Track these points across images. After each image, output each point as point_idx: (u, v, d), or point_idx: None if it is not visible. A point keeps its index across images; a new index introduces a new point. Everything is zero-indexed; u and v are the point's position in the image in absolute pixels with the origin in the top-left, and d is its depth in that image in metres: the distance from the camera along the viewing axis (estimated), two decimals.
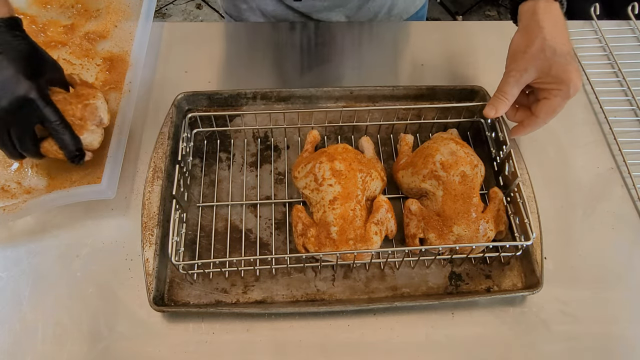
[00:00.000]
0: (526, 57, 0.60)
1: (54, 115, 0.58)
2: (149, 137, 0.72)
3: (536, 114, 0.62)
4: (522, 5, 0.62)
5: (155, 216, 0.62)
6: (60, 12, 0.82)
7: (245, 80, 0.78)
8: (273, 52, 0.82)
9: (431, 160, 0.62)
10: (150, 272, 0.59)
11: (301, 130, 0.72)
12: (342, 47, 0.83)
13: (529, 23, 0.60)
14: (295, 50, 0.82)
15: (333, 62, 0.81)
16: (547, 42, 0.58)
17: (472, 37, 0.84)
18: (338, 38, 0.84)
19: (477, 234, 0.59)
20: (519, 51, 0.61)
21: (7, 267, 0.62)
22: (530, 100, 0.65)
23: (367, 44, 0.84)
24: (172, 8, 2.20)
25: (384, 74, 0.80)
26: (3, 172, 0.67)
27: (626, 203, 0.68)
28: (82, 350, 0.57)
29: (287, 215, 0.65)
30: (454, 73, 0.80)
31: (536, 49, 0.59)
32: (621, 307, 0.61)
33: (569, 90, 0.59)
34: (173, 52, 0.81)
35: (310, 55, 0.82)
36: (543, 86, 0.61)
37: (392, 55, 0.82)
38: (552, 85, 0.60)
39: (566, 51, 0.59)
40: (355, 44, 0.83)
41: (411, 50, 0.83)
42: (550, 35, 0.58)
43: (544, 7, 0.60)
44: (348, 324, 0.59)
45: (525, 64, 0.60)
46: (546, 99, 0.61)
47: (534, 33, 0.59)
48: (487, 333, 0.59)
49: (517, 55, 0.61)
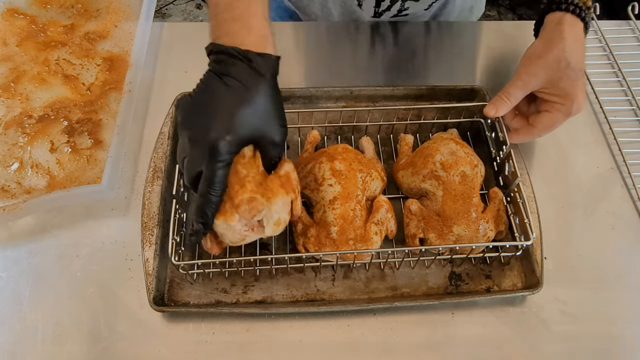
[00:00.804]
0: (540, 63, 0.60)
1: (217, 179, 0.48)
2: (149, 137, 0.72)
3: (534, 124, 0.62)
4: (550, 15, 0.62)
5: (155, 216, 0.62)
6: (60, 12, 0.82)
7: None
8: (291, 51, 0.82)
9: (431, 160, 0.62)
10: (151, 272, 0.59)
11: (301, 131, 0.72)
12: (342, 47, 0.83)
13: (552, 31, 0.60)
14: (295, 51, 0.82)
15: (332, 62, 0.81)
16: (566, 53, 0.58)
17: (472, 37, 0.84)
18: (339, 38, 0.84)
19: (477, 234, 0.59)
20: (535, 55, 0.61)
21: (7, 267, 0.62)
22: (531, 110, 0.65)
23: (367, 44, 0.83)
24: (172, 8, 2.20)
25: (383, 74, 0.80)
26: (3, 172, 0.67)
27: (626, 203, 0.68)
28: (82, 350, 0.57)
29: None
30: (454, 73, 0.80)
31: (553, 57, 0.59)
32: (621, 307, 0.61)
33: (572, 107, 0.59)
34: (173, 52, 0.81)
35: (310, 55, 0.82)
36: (547, 97, 0.61)
37: (392, 55, 0.82)
38: (556, 99, 0.60)
39: (579, 68, 0.59)
40: (356, 44, 0.83)
41: (411, 50, 0.83)
42: (569, 47, 0.58)
43: (570, 20, 0.60)
44: (348, 324, 0.59)
45: (537, 70, 0.60)
46: (547, 112, 0.61)
47: (555, 41, 0.59)
48: (487, 333, 0.59)
49: (531, 59, 0.61)
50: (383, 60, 0.82)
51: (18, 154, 0.68)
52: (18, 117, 0.71)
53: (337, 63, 0.81)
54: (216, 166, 0.48)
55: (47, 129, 0.70)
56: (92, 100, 0.73)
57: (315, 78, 0.79)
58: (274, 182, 0.51)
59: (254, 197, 0.48)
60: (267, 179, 0.51)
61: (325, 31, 0.85)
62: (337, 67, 0.81)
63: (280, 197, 0.51)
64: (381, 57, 0.82)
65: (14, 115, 0.72)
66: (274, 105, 0.51)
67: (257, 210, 0.49)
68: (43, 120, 0.71)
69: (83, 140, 0.70)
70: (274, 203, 0.50)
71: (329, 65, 0.81)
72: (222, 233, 0.51)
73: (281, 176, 0.52)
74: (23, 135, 0.70)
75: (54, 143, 0.69)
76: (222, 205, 0.49)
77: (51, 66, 0.76)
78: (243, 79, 0.49)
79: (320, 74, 0.80)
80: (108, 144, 0.67)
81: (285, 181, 0.52)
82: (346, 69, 0.80)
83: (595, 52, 0.83)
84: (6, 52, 0.77)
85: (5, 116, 0.71)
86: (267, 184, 0.50)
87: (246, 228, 0.50)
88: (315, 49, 0.84)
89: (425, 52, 0.83)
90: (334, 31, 0.84)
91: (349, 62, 0.81)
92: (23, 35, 0.79)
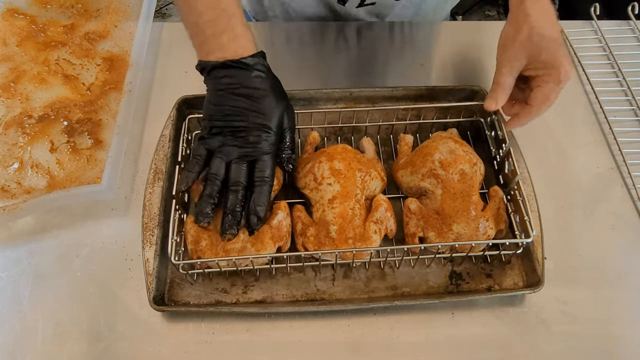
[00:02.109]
0: (515, 46, 0.60)
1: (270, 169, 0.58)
2: (149, 137, 0.72)
3: (530, 103, 0.62)
4: None
5: (155, 217, 0.62)
6: (60, 12, 0.82)
7: None
8: (272, 52, 0.82)
9: (430, 159, 0.62)
10: (151, 272, 0.59)
11: (301, 132, 0.71)
12: (342, 48, 0.83)
13: (516, 12, 0.61)
14: (295, 51, 0.82)
15: (332, 63, 0.81)
16: (535, 29, 0.59)
17: (472, 37, 0.84)
18: (339, 38, 0.84)
19: (477, 232, 0.59)
20: (508, 40, 0.61)
21: (7, 267, 0.62)
22: (526, 95, 0.65)
23: (367, 44, 0.83)
24: (172, 8, 2.19)
25: (383, 74, 0.80)
26: (3, 172, 0.67)
27: (626, 203, 0.68)
28: (82, 350, 0.57)
29: None
30: (454, 73, 0.80)
31: (524, 36, 0.59)
32: (621, 307, 0.61)
33: (560, 74, 0.59)
34: (173, 52, 0.81)
35: (310, 55, 0.82)
36: (534, 73, 0.61)
37: (392, 55, 0.82)
38: (542, 72, 0.60)
39: (555, 37, 0.59)
40: (355, 44, 0.83)
41: (411, 50, 0.83)
42: (537, 22, 0.59)
43: None
44: (348, 323, 0.59)
45: (515, 52, 0.60)
46: (539, 87, 0.61)
47: (521, 21, 0.60)
48: (487, 333, 0.59)
49: (506, 45, 0.62)
50: (383, 61, 0.82)
51: (18, 154, 0.68)
52: (18, 117, 0.71)
53: (337, 63, 0.81)
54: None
55: (47, 129, 0.71)
56: (92, 100, 0.73)
57: (315, 79, 0.79)
58: (265, 234, 0.58)
59: (245, 246, 0.57)
60: (260, 231, 0.58)
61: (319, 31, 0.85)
62: (336, 68, 0.81)
63: (268, 251, 0.57)
64: (381, 58, 0.82)
65: (14, 115, 0.72)
66: (280, 93, 0.60)
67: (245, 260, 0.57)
68: (43, 120, 0.71)
69: (83, 140, 0.70)
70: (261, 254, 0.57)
71: (329, 65, 0.81)
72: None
73: (272, 227, 0.58)
74: (23, 135, 0.70)
75: (54, 143, 0.69)
76: (214, 247, 0.57)
77: (51, 66, 0.76)
78: (251, 84, 0.57)
79: (319, 74, 0.80)
80: (108, 144, 0.67)
81: (275, 232, 0.58)
82: (346, 70, 0.80)
83: (595, 52, 0.83)
84: (6, 52, 0.77)
85: (5, 116, 0.72)
86: (259, 235, 0.58)
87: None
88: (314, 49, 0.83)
89: (425, 52, 0.83)
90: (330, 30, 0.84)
91: (346, 63, 0.81)
92: (23, 35, 0.79)
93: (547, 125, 0.74)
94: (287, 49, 0.83)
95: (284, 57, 0.82)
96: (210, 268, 0.59)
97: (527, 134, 0.71)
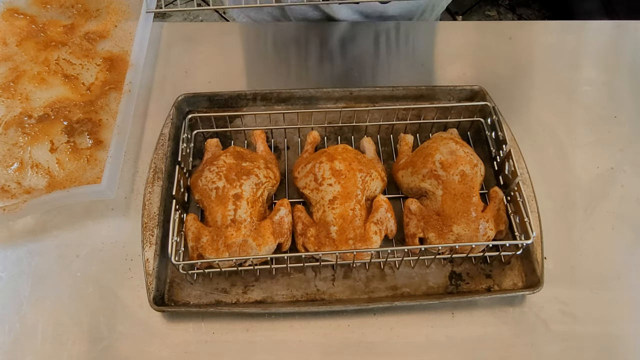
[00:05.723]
0: None
1: None
2: (149, 137, 0.72)
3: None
4: None
5: (155, 217, 0.62)
6: (60, 12, 0.82)
7: (245, 81, 0.78)
8: (273, 52, 0.82)
9: (430, 159, 0.62)
10: (151, 272, 0.59)
11: (301, 131, 0.72)
12: (342, 47, 0.83)
13: None
14: (295, 51, 0.82)
15: (332, 63, 0.81)
16: None
17: (472, 37, 0.84)
18: (339, 38, 0.84)
19: (477, 233, 0.59)
20: None
21: (7, 267, 0.62)
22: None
23: (367, 43, 0.83)
24: (172, 8, 2.19)
25: (383, 74, 0.80)
26: (3, 172, 0.67)
27: (626, 203, 0.68)
28: (82, 350, 0.57)
29: None
30: (454, 73, 0.80)
31: None
32: (621, 307, 0.61)
33: None
34: (173, 52, 0.81)
35: (309, 55, 0.82)
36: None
37: (392, 55, 0.82)
38: None
39: None
40: (356, 43, 0.83)
41: (411, 50, 0.83)
42: None
43: None
44: (348, 324, 0.59)
45: None
46: None
47: None
48: (487, 333, 0.59)
49: None
50: (383, 61, 0.82)
51: (18, 154, 0.68)
52: (18, 117, 0.71)
53: (338, 63, 0.81)
54: None
55: (47, 129, 0.70)
56: (92, 100, 0.73)
57: (315, 78, 0.79)
58: (267, 228, 0.58)
59: (246, 240, 0.57)
60: (261, 225, 0.58)
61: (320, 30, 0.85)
62: (337, 67, 0.81)
63: (269, 245, 0.58)
64: (382, 57, 0.82)
65: (14, 115, 0.72)
66: None
67: (247, 253, 0.57)
68: (43, 120, 0.71)
69: (83, 140, 0.70)
70: (262, 250, 0.58)
71: (329, 64, 0.81)
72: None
73: (274, 222, 0.59)
74: (23, 135, 0.70)
75: (54, 143, 0.69)
76: (215, 243, 0.57)
77: (51, 66, 0.76)
78: None
79: (320, 74, 0.80)
80: (108, 144, 0.67)
81: (277, 228, 0.59)
82: (346, 70, 0.80)
83: (595, 52, 0.83)
84: (6, 52, 0.77)
85: (5, 116, 0.71)
86: (261, 229, 0.58)
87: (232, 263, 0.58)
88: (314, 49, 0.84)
89: (426, 52, 0.83)
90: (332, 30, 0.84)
91: (346, 62, 0.81)
92: (23, 35, 0.79)
93: (547, 125, 0.74)
94: (287, 49, 0.83)
95: (284, 57, 0.82)
96: (211, 267, 0.59)
97: (527, 134, 0.71)
